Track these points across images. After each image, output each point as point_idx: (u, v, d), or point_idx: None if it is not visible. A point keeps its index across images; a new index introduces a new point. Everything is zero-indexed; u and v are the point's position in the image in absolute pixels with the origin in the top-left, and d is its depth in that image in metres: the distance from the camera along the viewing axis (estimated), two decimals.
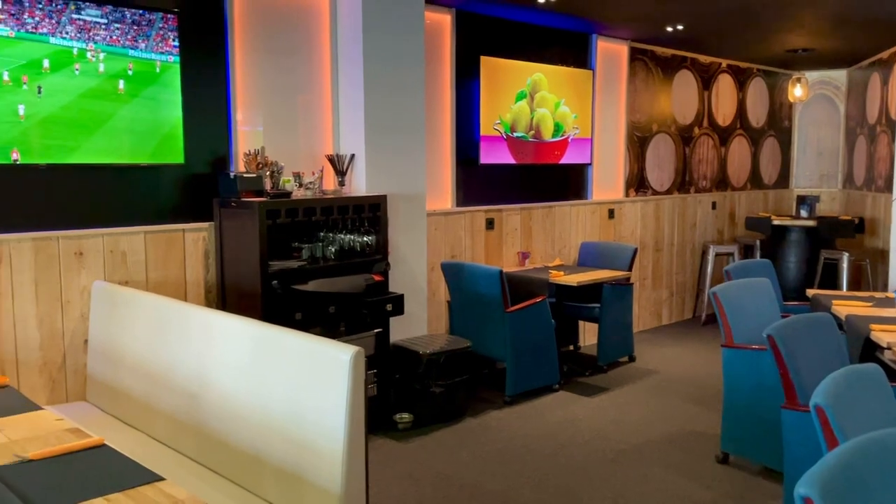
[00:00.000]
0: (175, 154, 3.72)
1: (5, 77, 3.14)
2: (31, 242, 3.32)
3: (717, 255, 7.33)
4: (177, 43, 3.65)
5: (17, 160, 3.18)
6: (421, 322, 4.61)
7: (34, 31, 3.21)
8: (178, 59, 3.67)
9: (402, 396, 4.31)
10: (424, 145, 4.59)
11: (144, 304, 3.17)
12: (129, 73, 3.51)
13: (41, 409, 2.41)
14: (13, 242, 3.27)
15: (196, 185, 3.85)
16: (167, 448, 2.84)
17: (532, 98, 5.60)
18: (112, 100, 3.46)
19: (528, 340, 4.73)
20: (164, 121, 3.65)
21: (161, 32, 3.59)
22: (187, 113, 3.74)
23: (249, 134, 4.07)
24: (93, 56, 3.38)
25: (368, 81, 4.26)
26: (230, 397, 2.59)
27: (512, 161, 5.50)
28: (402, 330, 4.40)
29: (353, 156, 4.34)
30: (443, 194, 5.16)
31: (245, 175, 3.80)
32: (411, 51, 4.45)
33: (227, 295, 3.85)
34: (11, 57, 3.16)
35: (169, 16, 3.61)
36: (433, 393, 4.27)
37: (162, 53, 3.60)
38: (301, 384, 2.35)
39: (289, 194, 3.91)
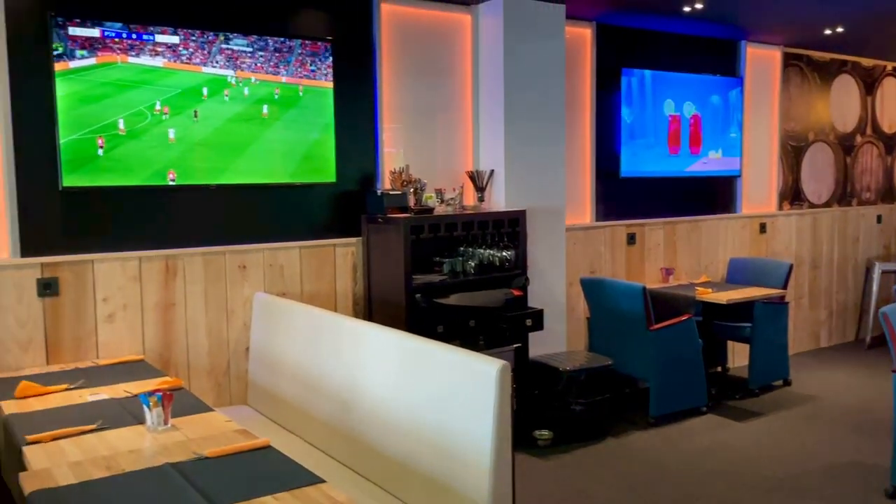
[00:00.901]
0: (327, 173, 3.94)
1: (159, 106, 3.45)
2: (202, 257, 3.62)
3: (883, 272, 6.72)
4: (314, 67, 3.86)
5: (173, 181, 3.48)
6: (559, 338, 4.57)
7: (188, 61, 3.52)
8: (329, 83, 3.89)
9: (541, 413, 4.28)
10: (564, 159, 4.56)
11: (300, 315, 3.37)
12: (276, 97, 3.76)
13: (212, 410, 2.61)
14: (186, 257, 3.58)
15: (345, 203, 4.05)
16: (321, 452, 2.99)
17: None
18: (257, 123, 3.72)
19: (674, 360, 4.56)
20: (306, 141, 3.87)
21: (300, 58, 3.81)
22: (339, 134, 3.95)
23: (394, 153, 4.23)
24: (237, 82, 3.64)
25: (509, 97, 4.31)
26: (380, 405, 2.69)
27: (655, 173, 5.34)
28: (540, 346, 4.38)
29: (492, 171, 4.39)
30: (582, 208, 5.10)
31: (391, 192, 3.95)
32: (552, 66, 4.45)
33: (373, 306, 4.01)
34: (168, 87, 3.47)
35: (307, 42, 3.82)
36: (573, 411, 4.22)
37: (300, 77, 3.83)
38: (448, 395, 2.40)
39: (431, 210, 4.02)
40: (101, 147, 3.30)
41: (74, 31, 3.22)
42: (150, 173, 3.42)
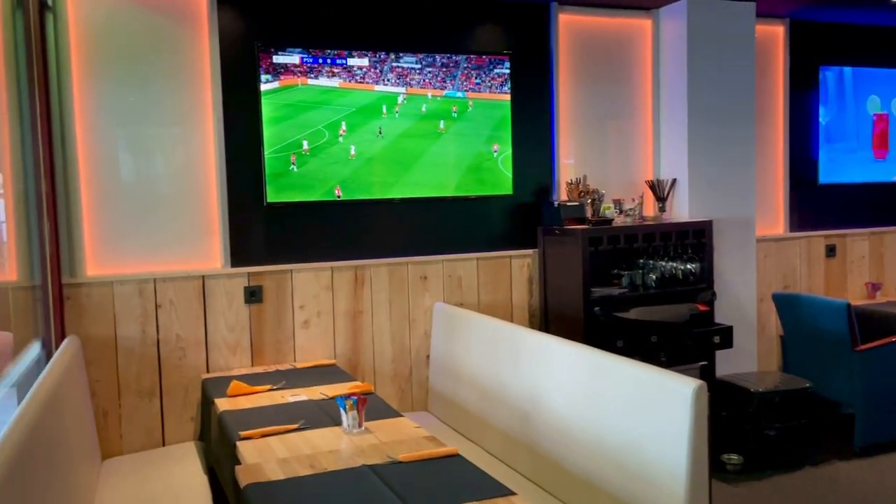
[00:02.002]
0: (504, 185, 3.97)
1: (344, 127, 3.65)
2: (387, 267, 3.78)
3: None
4: (479, 80, 3.91)
5: (339, 196, 3.66)
6: (749, 357, 4.27)
7: (362, 81, 3.69)
8: (499, 95, 3.93)
9: (729, 436, 4.01)
10: (754, 167, 4.28)
11: (478, 325, 3.41)
12: (445, 111, 3.84)
13: (401, 416, 2.71)
14: (373, 267, 3.76)
15: (522, 215, 4.06)
16: (501, 463, 3.00)
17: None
18: (428, 137, 3.81)
19: (884, 384, 4.10)
20: (476, 153, 3.92)
21: (465, 72, 3.87)
22: (515, 146, 3.97)
23: (570, 164, 4.18)
24: (404, 98, 3.76)
25: (693, 103, 4.12)
26: (562, 419, 2.66)
27: (857, 180, 4.86)
28: (727, 364, 4.12)
29: (674, 180, 4.21)
30: (774, 218, 4.75)
31: (568, 203, 3.91)
32: (740, 67, 4.20)
33: (549, 319, 3.98)
34: (343, 106, 3.66)
35: (472, 56, 3.87)
36: (766, 435, 3.91)
37: (467, 90, 3.88)
38: (637, 414, 2.31)
39: (610, 221, 3.93)
40: (293, 164, 3.55)
41: (277, 58, 3.50)
42: (328, 188, 3.64)
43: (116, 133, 3.35)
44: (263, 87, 3.49)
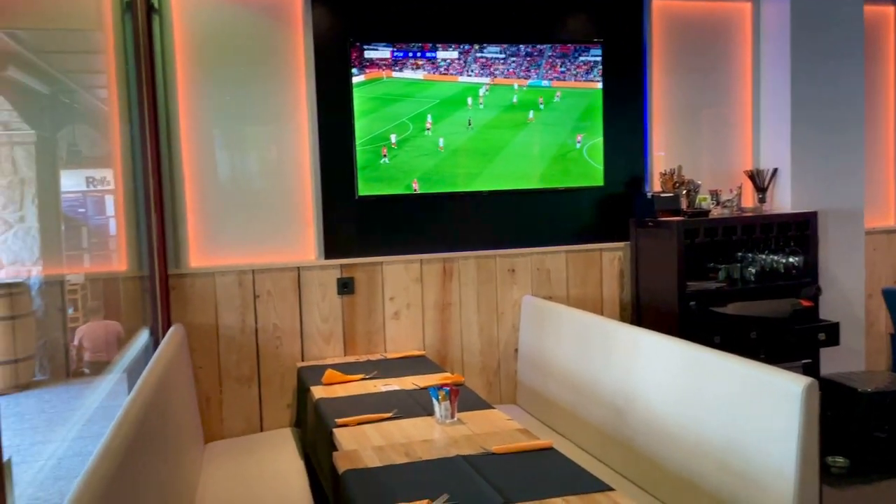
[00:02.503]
0: (593, 177, 3.90)
1: (429, 119, 3.65)
2: (475, 260, 3.79)
3: None
4: (563, 69, 3.83)
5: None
6: (856, 356, 4.05)
7: (446, 72, 3.68)
8: (582, 83, 3.85)
9: (835, 438, 3.81)
10: (863, 155, 4.04)
11: (568, 319, 3.37)
12: (539, 104, 3.79)
13: (492, 408, 2.71)
14: (461, 260, 3.77)
15: (613, 207, 3.98)
16: (593, 458, 2.96)
17: None
18: (512, 127, 3.78)
19: None
20: (562, 143, 3.85)
21: (550, 61, 3.80)
22: (607, 136, 3.89)
23: (662, 155, 4.06)
24: (487, 89, 3.73)
25: (796, 90, 3.92)
26: (658, 416, 2.59)
27: None
28: (832, 363, 3.91)
29: (775, 170, 4.03)
30: (884, 209, 4.47)
31: (662, 195, 3.80)
32: (848, 52, 3.98)
33: (642, 313, 3.88)
34: (427, 98, 3.66)
35: (556, 45, 3.79)
36: (876, 438, 3.70)
37: (550, 80, 3.82)
38: (740, 412, 2.22)
39: (706, 213, 3.80)
40: (385, 156, 3.59)
41: (368, 53, 3.55)
42: (412, 182, 3.66)
43: (216, 131, 3.48)
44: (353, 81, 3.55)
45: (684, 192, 3.86)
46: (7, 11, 3.07)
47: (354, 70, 3.54)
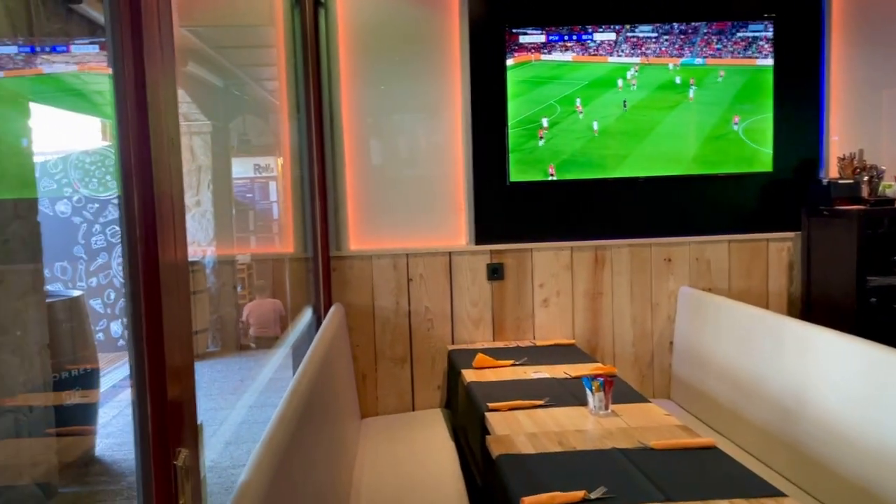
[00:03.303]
0: (760, 161, 3.65)
1: (578, 102, 3.55)
2: (628, 248, 3.68)
3: None
4: (719, 45, 3.58)
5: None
6: None
7: (595, 53, 3.55)
8: (771, 64, 3.60)
9: None
10: None
11: (731, 312, 3.19)
12: (691, 84, 3.58)
13: (647, 401, 2.62)
14: (614, 248, 3.67)
15: (781, 193, 3.71)
16: (756, 460, 2.79)
17: None
18: (664, 108, 3.59)
19: None
20: (713, 125, 3.61)
21: (705, 38, 3.57)
22: (778, 118, 3.63)
23: (843, 136, 3.73)
24: (637, 69, 3.56)
25: None
26: (834, 419, 2.39)
27: None
28: None
29: None
30: None
31: (839, 181, 3.50)
32: None
33: (812, 309, 3.60)
34: (576, 80, 3.55)
35: (712, 22, 3.55)
36: None
37: (705, 57, 3.58)
38: None
39: (892, 201, 3.45)
40: (541, 138, 3.56)
41: (523, 38, 3.53)
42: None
43: (375, 119, 3.61)
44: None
45: (866, 178, 3.52)
46: (193, 10, 3.34)
47: (507, 53, 3.53)
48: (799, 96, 3.70)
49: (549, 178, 3.59)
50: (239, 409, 4.62)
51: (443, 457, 2.91)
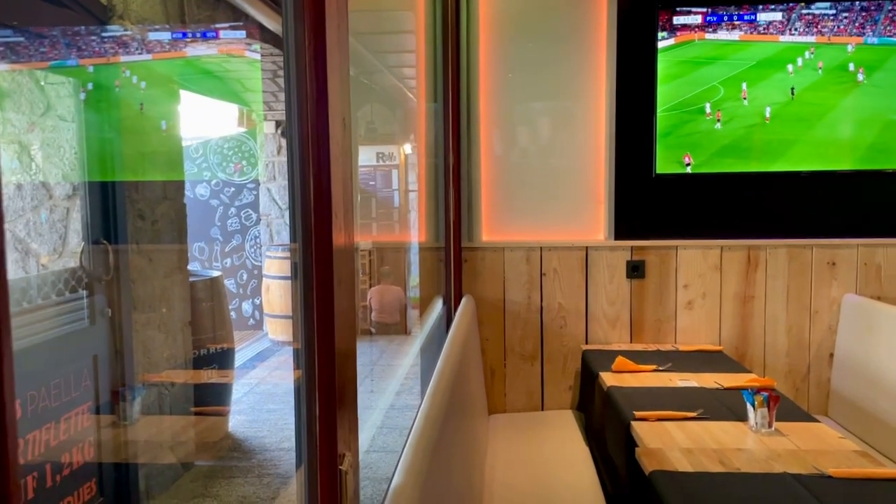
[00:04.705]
0: None
1: (743, 88, 3.25)
2: (786, 249, 3.36)
3: None
4: None
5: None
6: None
7: (765, 32, 3.23)
8: None
9: None
10: None
11: None
12: (871, 65, 3.20)
13: (816, 420, 2.36)
14: (769, 248, 3.37)
15: None
16: None
17: None
18: (838, 93, 3.23)
19: None
20: (886, 113, 3.22)
21: (889, 15, 3.17)
22: None
23: None
24: (813, 49, 3.22)
25: None
26: None
27: None
28: None
29: None
30: None
31: None
32: None
33: None
34: (742, 60, 3.25)
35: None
36: None
37: (891, 36, 3.18)
38: None
39: None
40: (718, 120, 3.30)
41: (677, 19, 3.28)
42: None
43: (513, 108, 3.47)
44: (659, 45, 3.30)
45: None
46: None
47: (664, 33, 3.29)
48: None
49: (699, 171, 3.33)
50: (373, 394, 4.64)
51: (577, 463, 2.76)
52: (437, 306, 3.42)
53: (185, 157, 6.29)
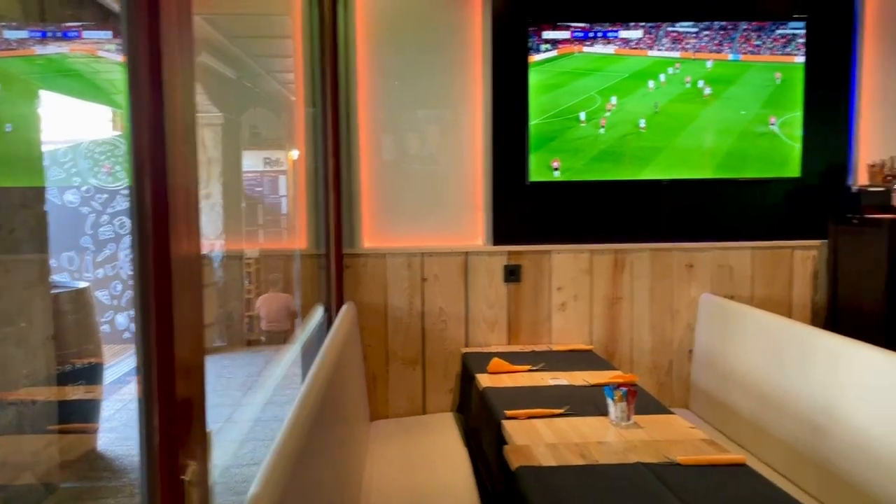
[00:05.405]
0: (788, 166, 3.54)
1: (612, 101, 3.45)
2: (649, 253, 3.57)
3: None
4: (759, 42, 3.47)
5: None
6: None
7: (636, 47, 3.46)
8: (784, 58, 3.49)
9: None
10: None
11: (756, 322, 3.08)
12: (726, 80, 3.48)
13: (670, 413, 2.52)
14: (635, 252, 3.57)
15: (808, 200, 3.60)
16: (783, 478, 2.69)
17: None
18: (696, 105, 3.50)
19: None
20: (747, 123, 3.51)
21: (744, 34, 3.47)
22: (807, 123, 3.52)
23: (874, 143, 3.62)
24: (678, 64, 3.47)
25: None
26: (866, 438, 2.29)
27: None
28: None
29: None
30: None
31: (870, 189, 3.39)
32: None
33: (839, 319, 3.49)
34: (616, 72, 3.46)
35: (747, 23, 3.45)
36: None
37: (741, 54, 3.49)
38: None
39: None
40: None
41: (546, 34, 3.43)
42: (591, 160, 3.49)
43: (392, 115, 3.51)
44: (540, 57, 3.43)
45: None
46: None
47: (547, 45, 3.42)
48: (829, 100, 3.59)
49: (570, 179, 3.49)
50: (244, 406, 4.54)
51: (455, 463, 2.82)
52: (318, 314, 3.40)
53: (51, 161, 5.94)
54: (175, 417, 1.00)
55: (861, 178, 3.58)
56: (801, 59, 3.49)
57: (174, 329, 0.98)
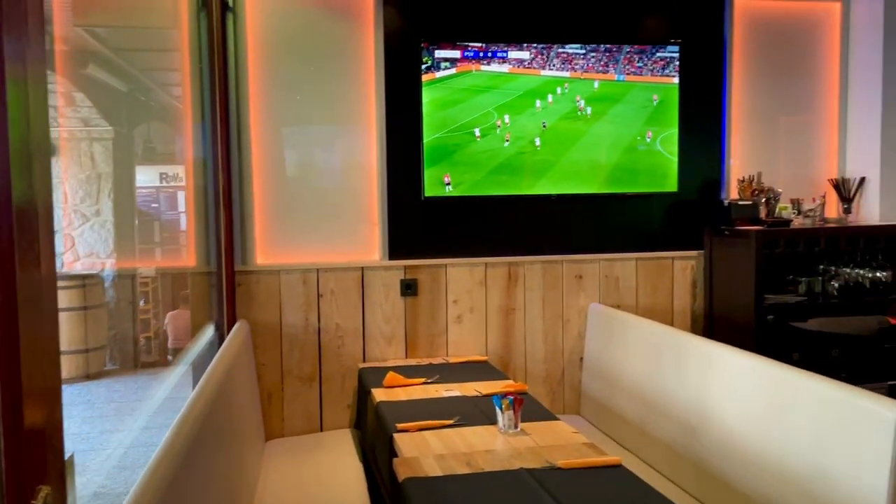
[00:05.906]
0: (667, 181, 3.75)
1: (505, 119, 3.58)
2: (541, 265, 3.70)
3: None
4: (640, 63, 3.69)
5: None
6: None
7: (529, 66, 3.61)
8: (663, 79, 3.71)
9: None
10: None
11: (638, 329, 3.24)
12: (613, 98, 3.67)
13: (556, 419, 2.62)
14: (527, 264, 3.68)
15: (686, 213, 3.83)
16: (663, 477, 2.83)
17: None
18: (584, 122, 3.68)
19: None
20: (630, 139, 3.71)
21: (628, 56, 3.68)
22: (682, 140, 3.74)
23: (743, 159, 3.89)
24: (567, 83, 3.65)
25: (889, 94, 3.69)
26: (735, 436, 2.45)
27: None
28: None
29: (862, 179, 3.81)
30: None
31: (739, 202, 3.63)
32: None
33: (715, 325, 3.72)
34: (511, 90, 3.60)
35: (629, 46, 3.68)
36: None
37: (629, 74, 3.70)
38: (826, 437, 2.08)
39: (787, 223, 3.61)
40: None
41: (440, 53, 3.51)
42: (486, 176, 3.59)
43: (285, 130, 3.50)
44: (440, 74, 3.50)
45: (763, 200, 3.68)
46: (88, 9, 3.15)
47: (447, 63, 3.50)
48: (702, 119, 3.83)
49: (464, 194, 3.57)
50: (135, 430, 4.36)
51: (349, 479, 2.81)
52: (208, 334, 3.32)
53: None
54: (23, 443, 0.97)
55: (733, 192, 3.83)
56: (677, 80, 3.72)
57: (20, 354, 0.95)
